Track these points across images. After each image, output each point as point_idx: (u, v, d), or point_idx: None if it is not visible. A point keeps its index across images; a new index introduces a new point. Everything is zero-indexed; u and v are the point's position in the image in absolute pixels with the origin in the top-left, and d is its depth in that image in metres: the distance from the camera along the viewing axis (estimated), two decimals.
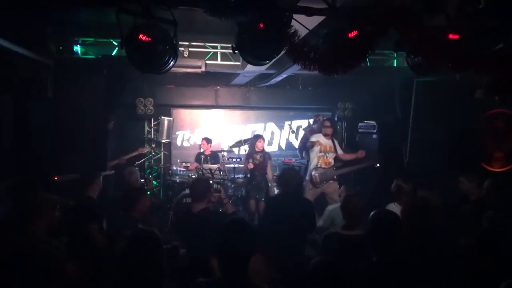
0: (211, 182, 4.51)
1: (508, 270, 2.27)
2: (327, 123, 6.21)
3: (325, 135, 6.14)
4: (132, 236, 2.28)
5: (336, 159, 6.17)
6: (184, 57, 6.25)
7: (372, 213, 2.61)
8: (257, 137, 6.52)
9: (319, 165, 6.01)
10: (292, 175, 4.07)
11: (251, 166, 6.27)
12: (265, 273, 3.09)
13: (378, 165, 6.07)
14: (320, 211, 4.61)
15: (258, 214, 6.20)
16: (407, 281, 2.35)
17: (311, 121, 8.56)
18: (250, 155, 6.48)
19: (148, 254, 2.16)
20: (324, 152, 6.07)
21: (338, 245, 2.95)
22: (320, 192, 5.97)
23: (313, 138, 6.17)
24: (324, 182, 5.91)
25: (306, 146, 6.59)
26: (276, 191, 6.17)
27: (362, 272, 2.39)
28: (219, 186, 5.25)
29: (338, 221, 3.80)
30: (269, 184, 6.51)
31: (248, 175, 6.54)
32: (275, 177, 6.44)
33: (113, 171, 6.12)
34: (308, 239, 4.08)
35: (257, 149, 6.41)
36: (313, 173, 6.00)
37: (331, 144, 6.10)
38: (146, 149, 7.66)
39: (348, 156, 6.23)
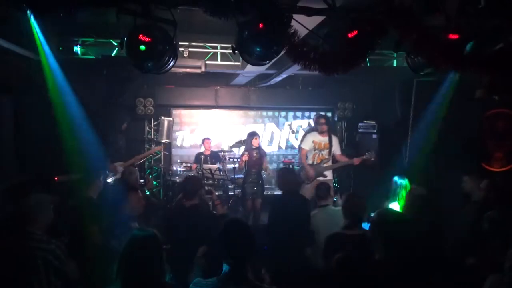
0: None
1: None
2: (322, 120, 6.22)
3: (320, 132, 6.19)
4: (131, 235, 2.28)
5: (334, 158, 6.22)
6: (184, 57, 6.25)
7: (376, 212, 2.61)
8: (253, 134, 6.55)
9: (314, 163, 6.14)
10: (287, 174, 4.29)
11: (246, 157, 6.30)
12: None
13: (373, 159, 6.13)
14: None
15: (254, 212, 6.21)
16: (410, 279, 2.35)
17: (311, 121, 8.59)
18: (248, 151, 6.48)
19: (146, 254, 2.16)
20: (319, 150, 6.14)
21: (340, 245, 2.95)
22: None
23: (308, 137, 6.29)
24: (315, 178, 5.99)
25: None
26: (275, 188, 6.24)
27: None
28: (211, 188, 5.40)
29: (320, 226, 3.87)
30: (264, 178, 6.57)
31: (244, 173, 6.55)
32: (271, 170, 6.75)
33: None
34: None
35: (253, 146, 6.43)
36: (307, 169, 6.14)
37: (326, 141, 6.13)
38: (158, 147, 7.88)
39: (342, 159, 6.27)
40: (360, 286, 2.16)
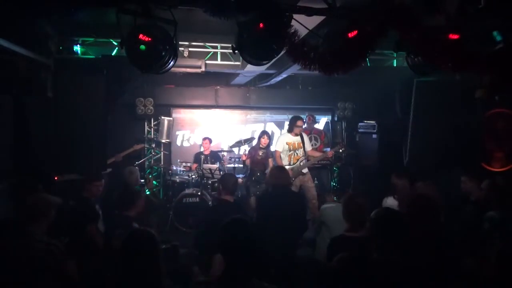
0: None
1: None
2: (299, 123, 6.26)
3: (293, 133, 6.26)
4: (127, 235, 2.28)
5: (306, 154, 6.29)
6: (184, 57, 6.26)
7: (373, 212, 2.61)
8: (263, 133, 6.68)
9: (291, 163, 6.19)
10: (277, 171, 4.35)
11: (243, 157, 6.44)
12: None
13: (342, 150, 6.43)
14: None
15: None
16: (409, 280, 2.35)
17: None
18: (254, 150, 6.58)
19: (143, 254, 2.16)
20: (293, 150, 6.22)
21: (343, 248, 2.93)
22: (299, 185, 6.10)
23: (281, 139, 6.35)
24: (293, 179, 6.00)
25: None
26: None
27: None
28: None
29: (330, 220, 3.86)
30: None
31: (248, 171, 6.59)
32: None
33: (110, 169, 6.11)
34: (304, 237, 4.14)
35: (261, 146, 6.51)
36: None
37: (299, 141, 6.21)
38: (140, 146, 7.60)
39: (315, 154, 6.42)
40: (360, 286, 2.16)
